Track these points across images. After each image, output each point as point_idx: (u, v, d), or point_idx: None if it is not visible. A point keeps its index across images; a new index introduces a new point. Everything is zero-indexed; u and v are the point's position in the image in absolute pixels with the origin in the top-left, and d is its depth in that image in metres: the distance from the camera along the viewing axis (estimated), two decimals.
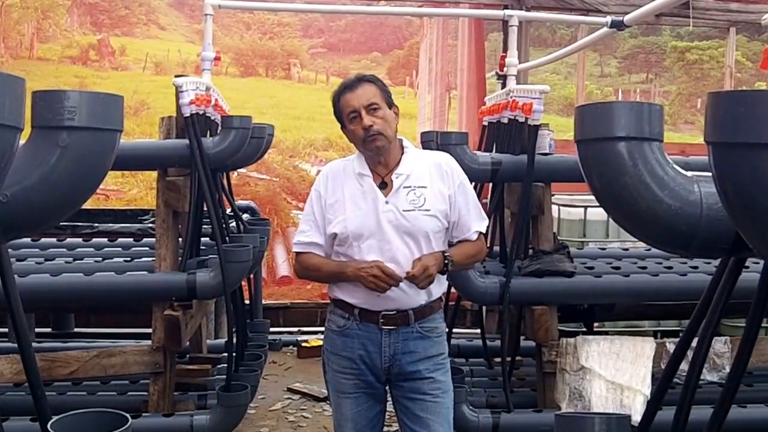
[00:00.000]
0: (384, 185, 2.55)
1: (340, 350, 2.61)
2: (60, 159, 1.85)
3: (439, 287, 2.64)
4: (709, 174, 1.48)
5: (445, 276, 2.64)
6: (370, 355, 2.56)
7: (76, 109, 1.85)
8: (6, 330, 4.58)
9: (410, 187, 2.53)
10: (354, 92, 2.52)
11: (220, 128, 3.97)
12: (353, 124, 2.52)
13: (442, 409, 2.59)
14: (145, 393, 3.75)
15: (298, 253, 2.65)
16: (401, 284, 2.48)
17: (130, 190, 13.11)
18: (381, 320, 2.54)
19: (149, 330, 3.73)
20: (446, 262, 2.53)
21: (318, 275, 2.68)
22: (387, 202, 2.51)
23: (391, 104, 2.56)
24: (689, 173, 1.83)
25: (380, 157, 2.56)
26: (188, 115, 3.65)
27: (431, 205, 2.52)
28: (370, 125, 2.48)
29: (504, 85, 4.70)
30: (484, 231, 2.69)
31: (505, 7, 5.96)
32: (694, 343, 2.00)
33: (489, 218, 4.15)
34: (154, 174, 3.89)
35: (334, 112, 2.61)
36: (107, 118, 1.95)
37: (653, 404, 2.19)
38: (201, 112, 3.80)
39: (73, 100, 1.85)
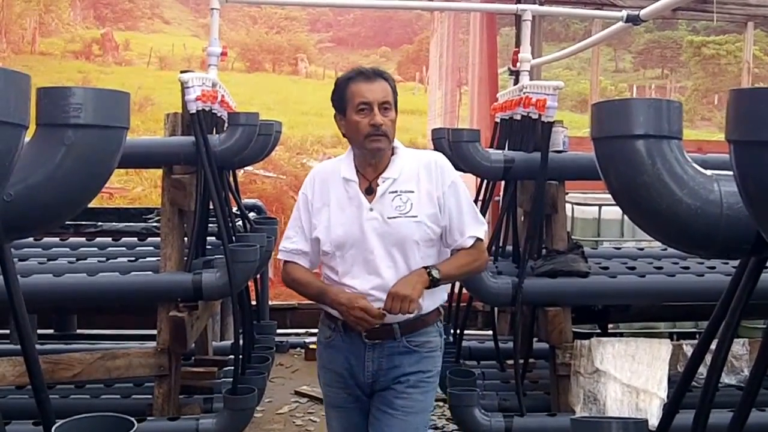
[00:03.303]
0: (370, 190, 2.43)
1: (327, 363, 2.53)
2: (65, 157, 1.85)
3: (433, 300, 2.48)
4: (730, 172, 1.46)
5: (440, 287, 2.48)
6: (353, 369, 2.45)
7: (81, 107, 1.85)
8: (8, 331, 4.55)
9: (396, 192, 2.40)
10: (370, 84, 2.40)
11: (226, 125, 3.92)
12: (360, 116, 2.38)
13: (408, 429, 2.43)
14: (150, 396, 3.70)
15: (284, 262, 2.53)
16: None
17: (134, 188, 13.07)
18: (364, 333, 2.40)
19: (154, 331, 3.68)
20: (431, 278, 2.36)
21: (303, 290, 2.54)
22: (371, 209, 2.39)
23: (396, 107, 2.45)
24: (709, 172, 1.80)
25: (372, 159, 2.43)
26: (194, 111, 3.61)
27: (418, 210, 2.38)
28: (380, 123, 2.37)
29: (517, 81, 4.65)
30: (481, 236, 2.48)
31: (518, 1, 5.90)
32: (712, 346, 1.96)
33: (501, 217, 4.13)
34: (159, 172, 3.85)
35: (334, 95, 2.46)
36: (113, 116, 1.95)
37: (671, 408, 2.15)
38: (207, 109, 3.75)
39: (79, 97, 1.86)
